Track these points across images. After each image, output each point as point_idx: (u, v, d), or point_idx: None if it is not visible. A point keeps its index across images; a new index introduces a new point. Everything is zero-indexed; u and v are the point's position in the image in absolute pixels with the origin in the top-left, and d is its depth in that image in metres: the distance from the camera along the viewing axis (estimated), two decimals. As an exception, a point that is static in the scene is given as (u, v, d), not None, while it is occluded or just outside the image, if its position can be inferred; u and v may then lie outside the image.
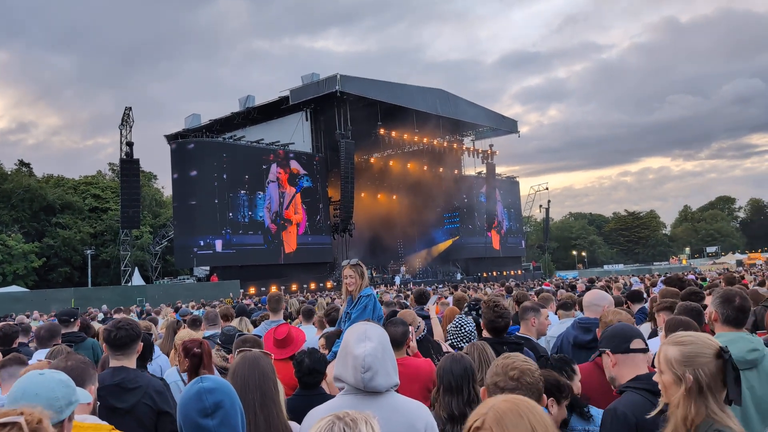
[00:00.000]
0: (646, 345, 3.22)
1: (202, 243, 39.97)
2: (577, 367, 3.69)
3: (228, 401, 2.29)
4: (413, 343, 4.77)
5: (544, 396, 2.56)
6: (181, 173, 41.34)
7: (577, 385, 3.54)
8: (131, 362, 3.81)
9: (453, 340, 5.20)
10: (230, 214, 40.90)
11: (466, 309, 6.32)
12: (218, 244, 40.21)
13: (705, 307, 5.62)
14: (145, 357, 4.84)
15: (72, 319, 6.96)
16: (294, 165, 45.54)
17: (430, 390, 3.67)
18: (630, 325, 3.55)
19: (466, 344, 4.53)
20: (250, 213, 42.20)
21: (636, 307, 7.66)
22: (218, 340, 5.60)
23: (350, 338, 2.75)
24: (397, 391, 2.88)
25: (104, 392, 3.47)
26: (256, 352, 3.23)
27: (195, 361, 4.06)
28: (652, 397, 2.85)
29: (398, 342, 4.34)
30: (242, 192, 41.85)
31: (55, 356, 4.26)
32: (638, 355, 3.15)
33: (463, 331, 5.24)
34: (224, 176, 41.01)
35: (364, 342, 2.67)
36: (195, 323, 7.57)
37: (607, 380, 3.33)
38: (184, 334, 5.43)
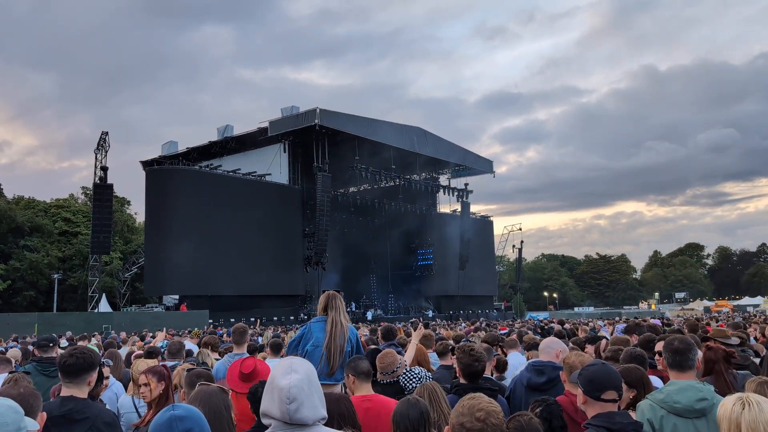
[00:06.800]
0: (619, 395, 3.30)
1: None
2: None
3: (197, 430, 2.31)
4: None
5: None
6: (155, 200, 40.99)
7: None
8: (82, 392, 3.72)
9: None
10: (202, 243, 40.42)
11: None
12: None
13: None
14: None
15: (51, 345, 6.88)
16: (270, 196, 45.42)
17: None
18: (608, 372, 3.41)
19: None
20: (224, 242, 41.70)
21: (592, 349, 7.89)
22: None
23: (276, 372, 2.74)
24: (338, 426, 2.85)
25: (50, 423, 3.35)
26: (212, 387, 3.20)
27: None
28: None
29: (366, 374, 4.42)
30: (215, 220, 41.44)
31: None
32: (607, 404, 3.25)
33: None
34: (199, 204, 40.72)
35: (290, 374, 2.63)
36: (152, 354, 7.45)
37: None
38: (141, 364, 5.39)
